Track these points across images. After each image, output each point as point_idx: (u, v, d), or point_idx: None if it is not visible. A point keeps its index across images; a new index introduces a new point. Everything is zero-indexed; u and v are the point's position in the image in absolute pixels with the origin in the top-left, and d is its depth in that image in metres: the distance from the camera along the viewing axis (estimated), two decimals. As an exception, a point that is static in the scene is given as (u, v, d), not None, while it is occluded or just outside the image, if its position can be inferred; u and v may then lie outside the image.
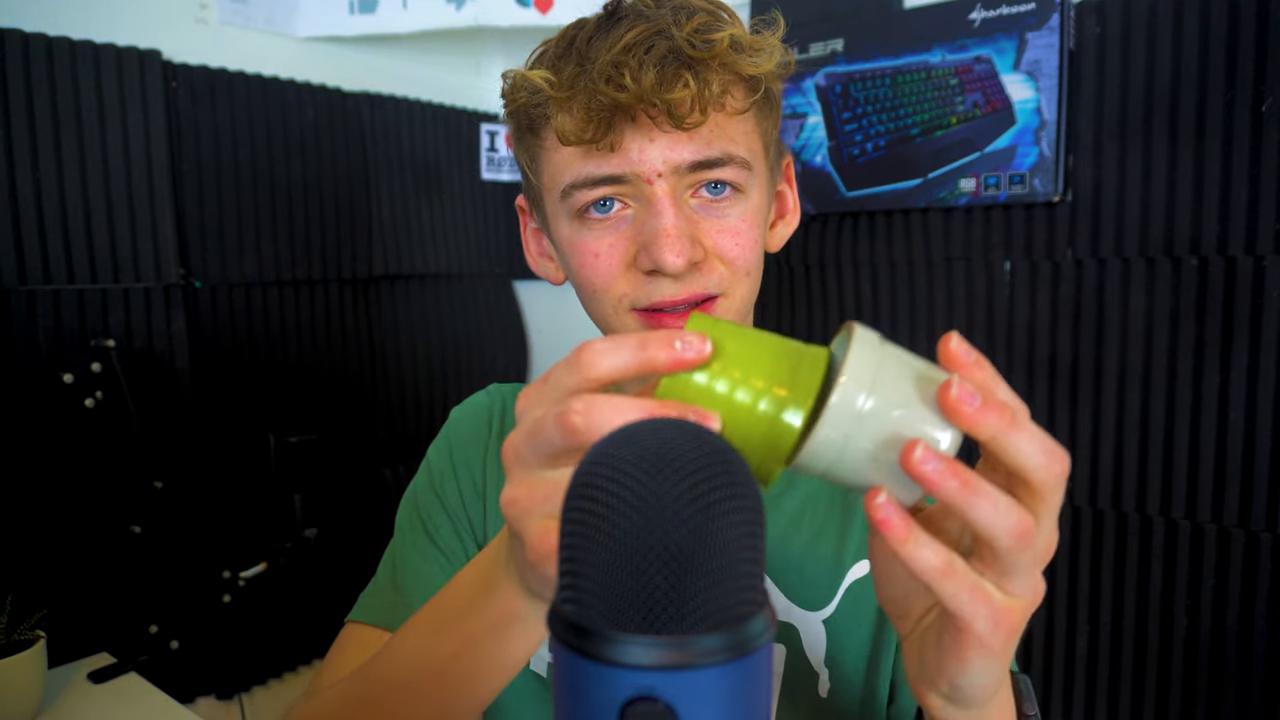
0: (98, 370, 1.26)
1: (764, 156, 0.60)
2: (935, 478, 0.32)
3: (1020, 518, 0.33)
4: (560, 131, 0.55)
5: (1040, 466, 0.34)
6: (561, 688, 0.28)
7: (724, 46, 0.53)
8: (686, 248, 0.54)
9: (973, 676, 0.36)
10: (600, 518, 0.27)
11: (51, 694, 1.13)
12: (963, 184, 1.28)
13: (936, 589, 0.34)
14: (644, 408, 0.34)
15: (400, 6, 1.59)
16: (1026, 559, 0.34)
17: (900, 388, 0.35)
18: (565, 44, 0.57)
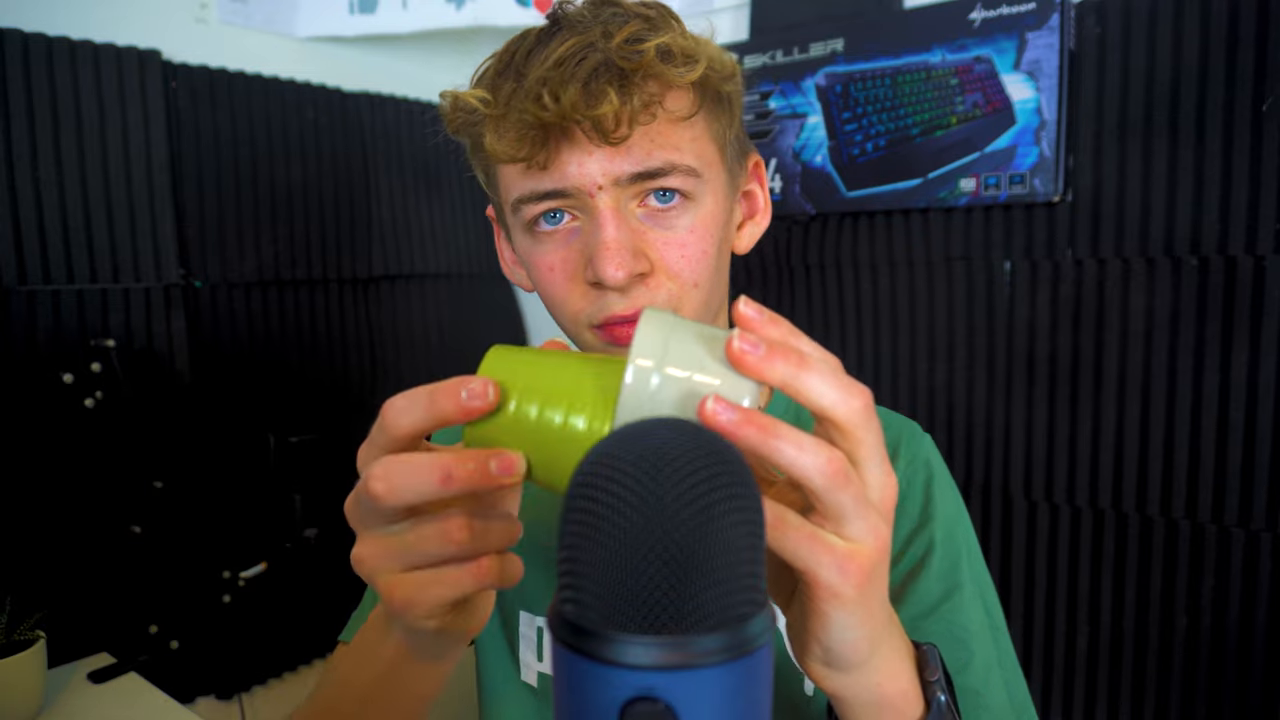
0: (98, 370, 1.26)
1: (719, 160, 0.59)
2: (732, 427, 0.32)
3: (830, 454, 0.33)
4: (492, 151, 0.55)
5: (838, 402, 0.34)
6: (561, 688, 0.28)
7: (651, 56, 0.52)
8: (627, 261, 0.53)
9: (835, 631, 0.36)
10: (600, 518, 0.27)
11: (51, 694, 1.13)
12: (963, 184, 1.28)
13: (775, 546, 0.34)
14: (440, 464, 0.35)
15: (400, 6, 1.59)
16: (849, 498, 0.34)
17: (691, 357, 0.35)
18: (506, 59, 0.57)
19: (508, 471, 0.36)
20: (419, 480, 0.35)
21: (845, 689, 0.39)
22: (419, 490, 0.35)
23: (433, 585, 0.37)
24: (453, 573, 0.37)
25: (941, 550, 0.61)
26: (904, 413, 0.87)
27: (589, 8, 0.57)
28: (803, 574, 0.35)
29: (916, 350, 1.37)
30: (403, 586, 0.37)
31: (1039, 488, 1.26)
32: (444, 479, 0.35)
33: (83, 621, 1.26)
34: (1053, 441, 1.25)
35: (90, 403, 1.26)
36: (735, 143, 0.62)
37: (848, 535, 0.34)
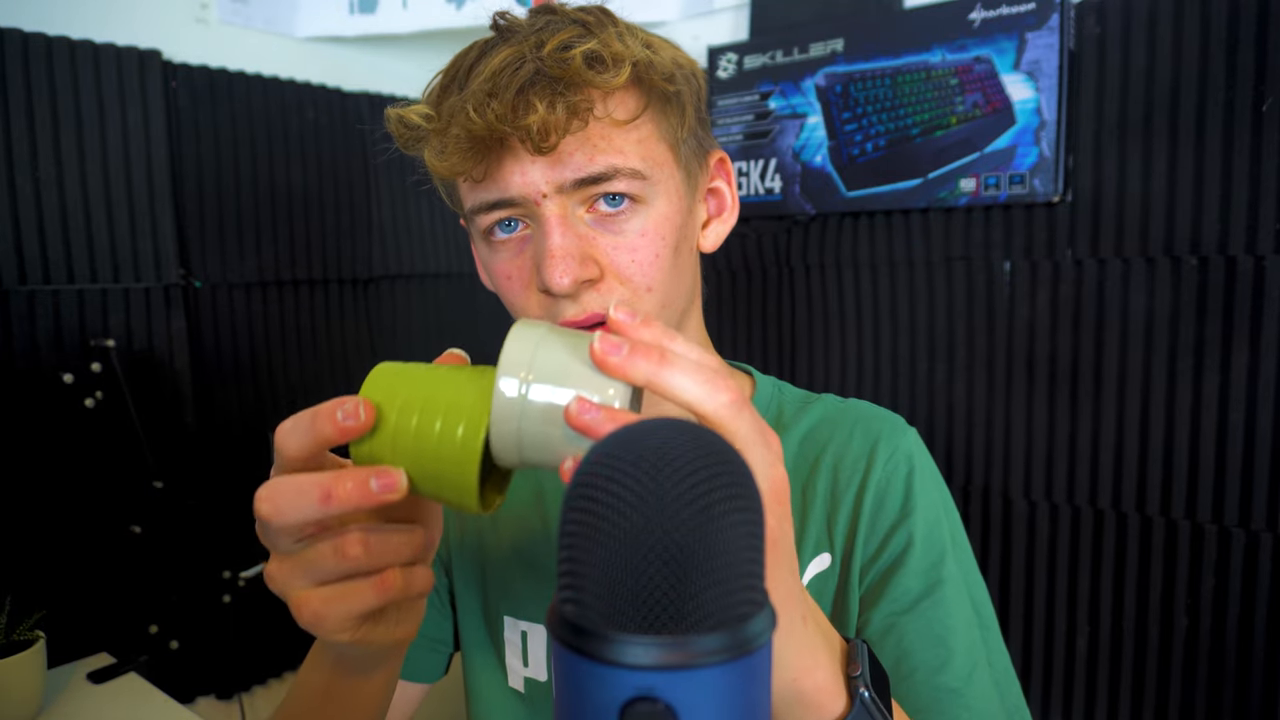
0: (98, 370, 1.26)
1: (671, 160, 0.58)
2: (596, 425, 0.34)
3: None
4: (432, 168, 0.55)
5: (703, 397, 0.35)
6: (561, 688, 0.28)
7: (579, 64, 0.52)
8: (573, 267, 0.53)
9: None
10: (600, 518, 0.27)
11: (51, 694, 1.13)
12: (963, 184, 1.28)
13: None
14: (319, 484, 0.37)
15: (400, 6, 1.59)
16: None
17: (558, 364, 0.37)
18: (451, 73, 0.57)
19: (389, 488, 0.37)
20: (301, 501, 0.37)
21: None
22: (302, 511, 0.37)
23: (337, 600, 0.38)
24: (356, 586, 0.38)
25: (922, 546, 0.60)
26: (903, 413, 0.87)
27: (529, 16, 0.57)
28: None
29: (916, 350, 1.37)
30: (310, 603, 0.38)
31: (1039, 488, 1.26)
32: (323, 498, 0.36)
33: (83, 621, 1.26)
34: (1053, 441, 1.25)
35: (90, 403, 1.26)
36: (691, 140, 0.61)
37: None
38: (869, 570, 0.61)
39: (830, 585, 0.61)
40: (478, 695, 0.69)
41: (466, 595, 0.70)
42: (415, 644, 0.69)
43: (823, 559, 0.62)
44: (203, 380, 1.42)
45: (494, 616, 0.68)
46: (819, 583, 0.62)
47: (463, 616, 0.70)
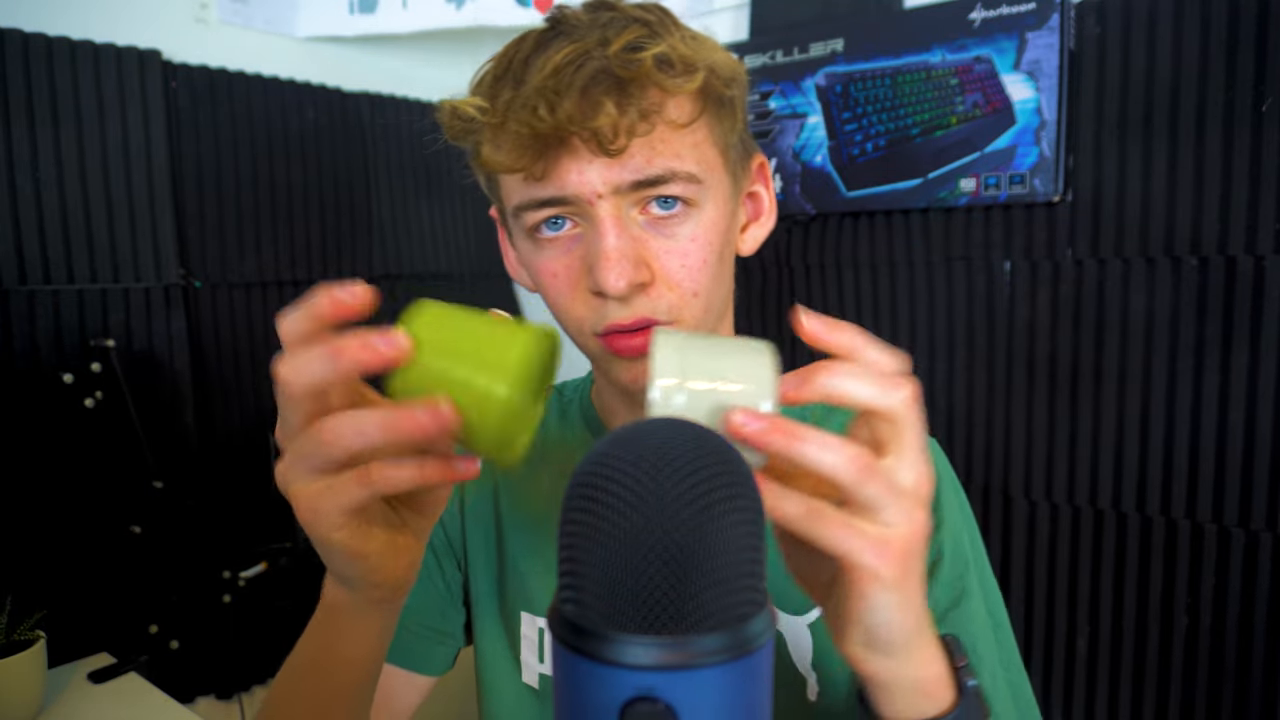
0: (98, 370, 1.26)
1: (721, 164, 0.58)
2: (760, 435, 0.35)
3: (854, 451, 0.36)
4: (489, 163, 0.54)
5: (878, 395, 0.37)
6: (561, 688, 0.28)
7: (649, 65, 0.51)
8: (629, 270, 0.53)
9: (877, 613, 0.37)
10: (600, 518, 0.27)
11: (51, 694, 1.13)
12: (963, 184, 1.27)
13: (811, 535, 0.36)
14: (330, 340, 0.39)
15: (400, 6, 1.59)
16: (878, 488, 0.36)
17: (711, 370, 0.37)
18: (504, 65, 0.56)
19: (392, 346, 0.38)
20: (314, 357, 0.39)
21: (886, 671, 0.40)
22: (315, 368, 0.39)
23: (327, 493, 0.39)
24: (343, 479, 0.39)
25: (950, 559, 0.61)
26: None
27: (587, 11, 0.56)
28: (842, 559, 0.36)
29: (916, 350, 1.37)
30: (306, 495, 0.40)
31: (1039, 488, 1.26)
32: (334, 352, 0.38)
33: (83, 621, 1.26)
34: (1053, 441, 1.25)
35: (90, 403, 1.26)
36: (739, 145, 0.61)
37: (882, 522, 0.36)
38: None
39: None
40: (491, 690, 0.69)
41: (483, 590, 0.70)
42: (422, 635, 0.69)
43: None
44: (203, 380, 1.41)
45: (511, 612, 0.68)
46: None
47: (478, 612, 0.70)
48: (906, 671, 0.40)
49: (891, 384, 0.37)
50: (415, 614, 0.69)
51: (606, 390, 0.67)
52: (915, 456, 0.38)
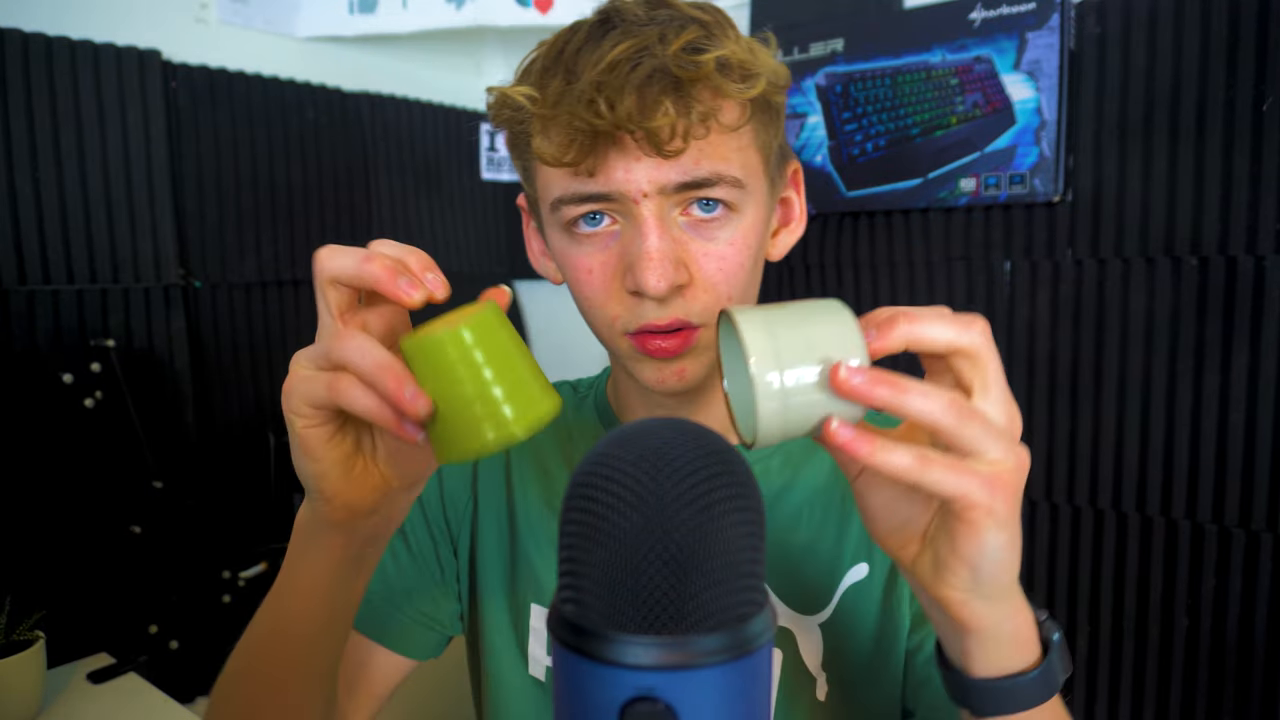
0: (98, 370, 1.26)
1: (762, 170, 0.58)
2: (866, 389, 0.36)
3: (950, 396, 0.37)
4: (539, 154, 0.54)
5: (958, 335, 0.38)
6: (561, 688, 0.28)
7: (711, 68, 0.51)
8: (670, 271, 0.53)
9: (989, 551, 0.37)
10: (600, 518, 0.27)
11: (51, 694, 1.13)
12: (963, 184, 1.27)
13: (923, 482, 0.36)
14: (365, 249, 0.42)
15: (400, 6, 1.59)
16: (977, 429, 0.37)
17: (800, 337, 0.38)
18: (555, 54, 0.55)
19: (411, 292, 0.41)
20: (349, 255, 0.42)
21: (988, 618, 0.40)
22: (342, 262, 0.42)
23: (305, 381, 0.42)
24: (322, 376, 0.42)
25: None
26: None
27: (643, 6, 0.56)
28: (957, 501, 0.37)
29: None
30: (293, 375, 0.43)
31: (1039, 487, 1.26)
32: (366, 257, 0.41)
33: (82, 621, 1.26)
34: (1053, 441, 1.25)
35: (90, 403, 1.26)
36: (778, 151, 0.61)
37: (987, 461, 0.37)
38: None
39: (870, 594, 0.62)
40: (497, 682, 0.68)
41: (493, 581, 0.69)
42: (408, 616, 0.69)
43: (859, 569, 0.62)
44: (203, 380, 1.41)
45: (521, 604, 0.68)
46: (858, 592, 0.62)
47: (486, 603, 0.70)
48: (1007, 618, 0.40)
49: (966, 323, 0.38)
50: (405, 596, 0.69)
51: (625, 388, 0.67)
52: (1002, 393, 0.38)
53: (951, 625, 0.41)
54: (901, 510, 0.42)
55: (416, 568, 0.69)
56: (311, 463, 0.44)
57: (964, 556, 0.38)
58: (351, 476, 0.45)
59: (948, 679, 0.44)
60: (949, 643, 0.43)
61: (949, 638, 0.43)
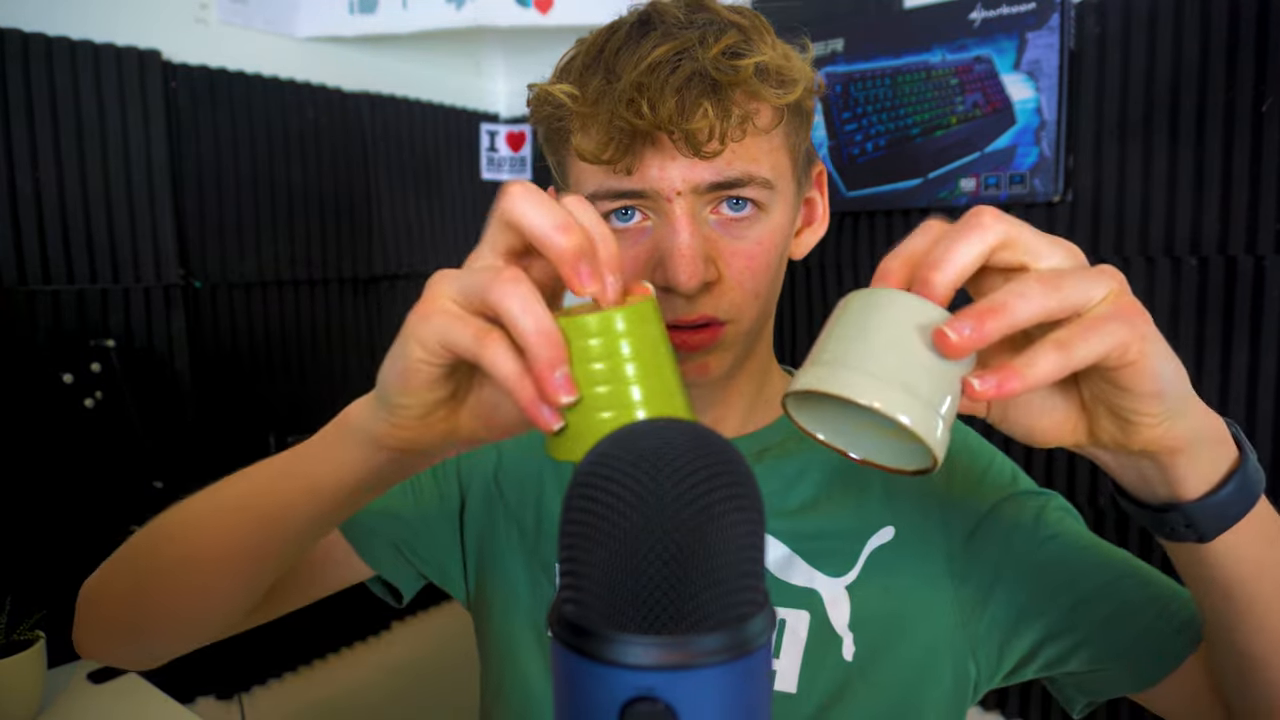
0: (98, 370, 1.26)
1: (790, 171, 0.59)
2: (977, 334, 0.35)
3: (1029, 279, 0.37)
4: (579, 150, 0.55)
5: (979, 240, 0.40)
6: (561, 688, 0.28)
7: (749, 73, 0.52)
8: (700, 269, 0.54)
9: (1164, 372, 0.37)
10: (600, 518, 0.27)
11: (51, 694, 1.13)
12: (963, 184, 1.28)
13: (1076, 362, 0.35)
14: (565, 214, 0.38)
15: (400, 6, 1.59)
16: (1071, 285, 0.36)
17: (877, 344, 0.37)
18: (595, 53, 0.56)
19: (591, 277, 0.38)
20: (546, 210, 0.38)
21: (1189, 428, 0.39)
22: (538, 218, 0.38)
23: (454, 320, 0.39)
24: (471, 321, 0.38)
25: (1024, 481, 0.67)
26: None
27: (682, 9, 0.57)
28: (1105, 356, 0.36)
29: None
30: (436, 303, 0.40)
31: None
32: (564, 226, 0.38)
33: (83, 621, 1.26)
34: (1053, 441, 1.25)
35: (90, 403, 1.26)
36: (806, 153, 0.62)
37: (1101, 303, 0.36)
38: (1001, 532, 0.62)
39: (898, 555, 0.62)
40: (510, 640, 0.69)
41: (511, 543, 0.70)
42: (388, 538, 0.70)
43: (885, 532, 0.63)
44: (203, 380, 1.42)
45: (548, 565, 0.68)
46: (884, 555, 0.62)
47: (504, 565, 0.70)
48: (1201, 419, 0.40)
49: (971, 227, 0.39)
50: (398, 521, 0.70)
51: None
52: (1050, 244, 0.39)
53: (1161, 461, 0.40)
54: (1050, 405, 0.41)
55: (412, 497, 0.70)
56: (405, 395, 0.41)
57: (1147, 393, 0.37)
58: (431, 419, 0.43)
59: (1167, 524, 0.42)
60: (1157, 485, 0.42)
61: (1156, 480, 0.41)
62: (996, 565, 0.60)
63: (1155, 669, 0.54)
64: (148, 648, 0.63)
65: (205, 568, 0.55)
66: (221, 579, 0.55)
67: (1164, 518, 0.42)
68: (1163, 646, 0.54)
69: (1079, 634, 0.57)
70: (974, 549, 0.61)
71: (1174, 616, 0.55)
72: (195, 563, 0.56)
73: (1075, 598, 0.57)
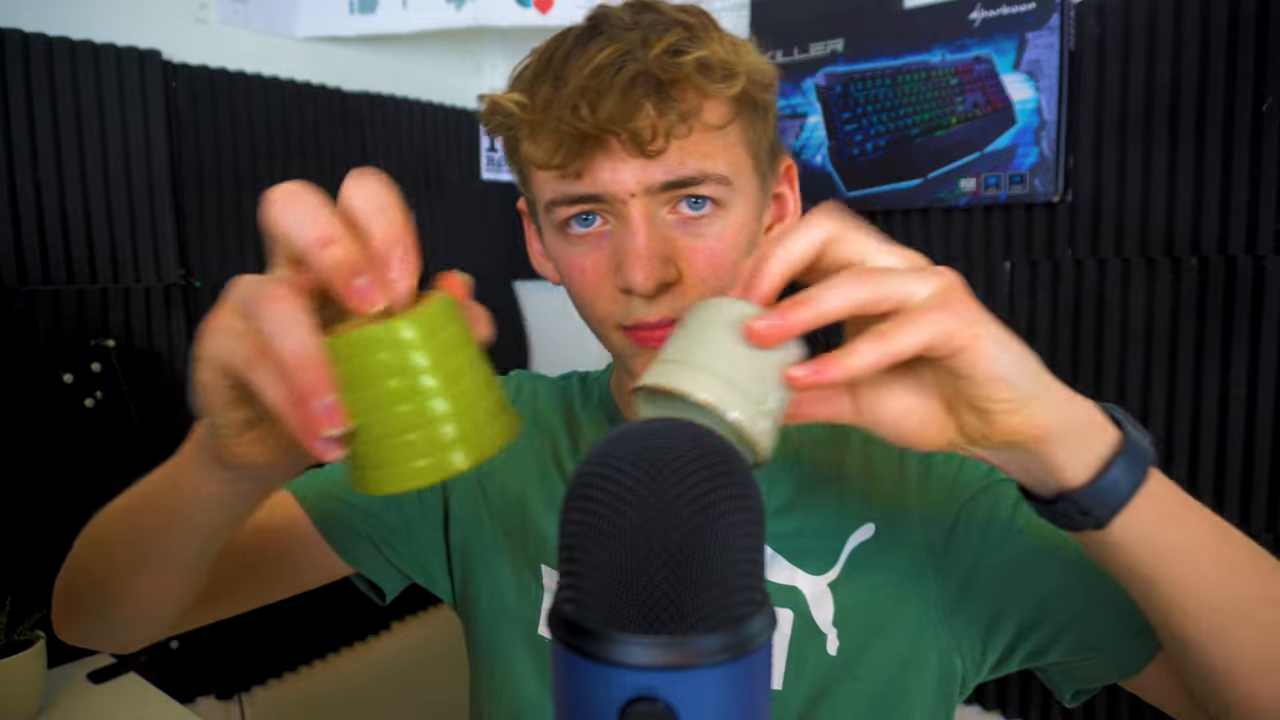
0: (98, 370, 1.26)
1: (751, 167, 0.59)
2: (780, 324, 0.37)
3: (848, 273, 0.38)
4: (528, 158, 0.55)
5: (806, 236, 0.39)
6: (561, 688, 0.28)
7: (691, 69, 0.52)
8: (657, 269, 0.54)
9: (1000, 355, 0.37)
10: (600, 518, 0.27)
11: (51, 694, 1.13)
12: (963, 184, 1.28)
13: (895, 352, 0.36)
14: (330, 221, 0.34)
15: (400, 6, 1.59)
16: (891, 281, 0.37)
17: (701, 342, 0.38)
18: (545, 60, 0.57)
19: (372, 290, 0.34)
20: (305, 221, 0.34)
21: (1052, 410, 0.39)
22: (297, 230, 0.34)
23: (232, 338, 0.35)
24: (247, 341, 0.35)
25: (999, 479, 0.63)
26: None
27: (629, 11, 0.57)
28: (934, 347, 0.36)
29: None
30: (217, 323, 0.36)
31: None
32: (322, 240, 0.33)
33: (83, 621, 1.26)
34: (1053, 441, 1.25)
35: (90, 403, 1.26)
36: (768, 148, 0.62)
37: (923, 296, 0.37)
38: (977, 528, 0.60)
39: (879, 552, 0.62)
40: (500, 643, 0.69)
41: (497, 544, 0.70)
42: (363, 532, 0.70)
43: (865, 529, 0.63)
44: (203, 380, 1.41)
45: (534, 565, 0.68)
46: (865, 552, 0.63)
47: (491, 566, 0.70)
48: (1068, 403, 0.40)
49: (803, 226, 0.39)
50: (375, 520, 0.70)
51: (626, 381, 0.68)
52: (881, 244, 0.39)
53: (1035, 451, 0.40)
54: (910, 405, 0.41)
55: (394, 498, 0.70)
56: (209, 414, 0.38)
57: (986, 377, 0.37)
58: (250, 437, 0.40)
59: (1063, 515, 0.42)
60: (1043, 477, 0.41)
61: (1040, 472, 0.41)
62: (973, 560, 0.60)
63: (1135, 657, 0.54)
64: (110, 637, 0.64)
65: (120, 572, 0.56)
66: (135, 582, 0.56)
67: (1058, 509, 0.42)
68: (1140, 633, 0.54)
69: (1055, 625, 0.57)
70: (952, 544, 0.61)
71: None
72: (111, 568, 0.57)
73: (1049, 589, 0.57)
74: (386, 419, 0.33)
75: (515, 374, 0.79)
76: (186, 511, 0.48)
